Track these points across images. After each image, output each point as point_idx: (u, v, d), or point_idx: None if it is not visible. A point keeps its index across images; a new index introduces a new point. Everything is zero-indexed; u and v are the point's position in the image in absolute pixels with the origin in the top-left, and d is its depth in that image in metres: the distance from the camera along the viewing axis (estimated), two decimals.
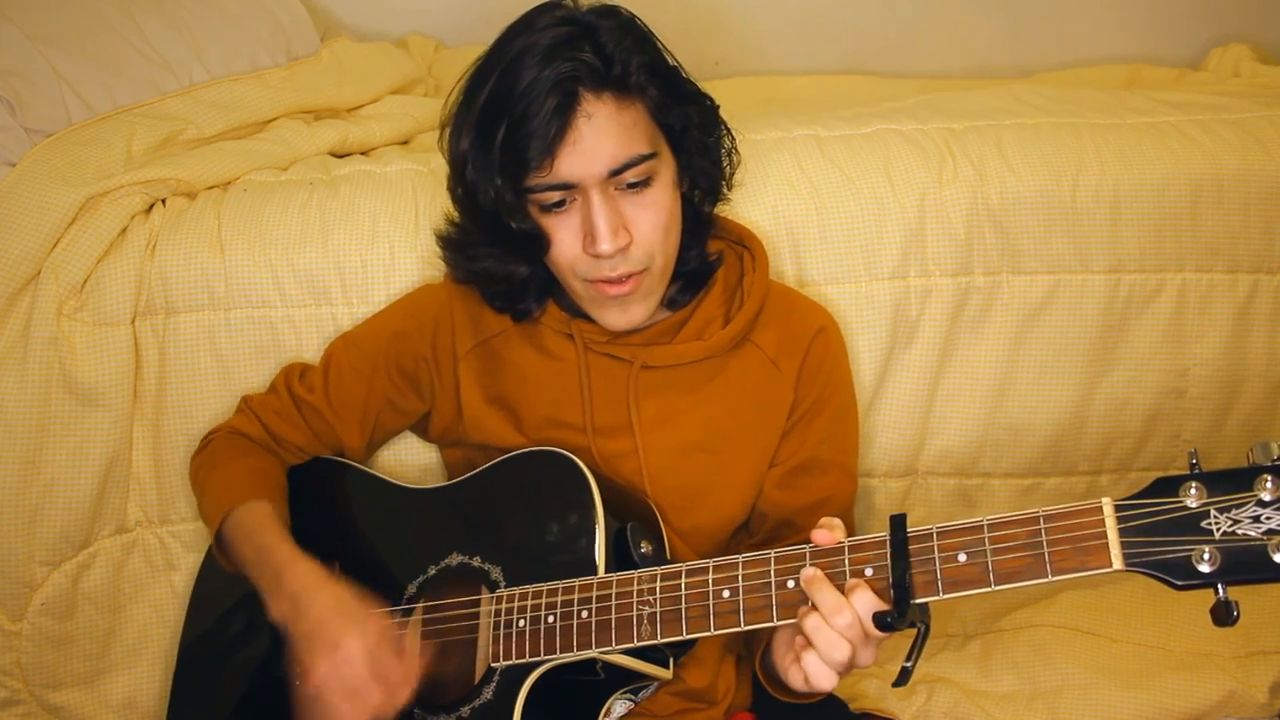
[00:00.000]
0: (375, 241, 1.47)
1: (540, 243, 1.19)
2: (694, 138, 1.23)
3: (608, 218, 1.15)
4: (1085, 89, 1.93)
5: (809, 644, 0.99)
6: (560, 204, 1.17)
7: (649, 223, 1.18)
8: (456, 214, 1.29)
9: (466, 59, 1.22)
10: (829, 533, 1.01)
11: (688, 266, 1.28)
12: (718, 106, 1.27)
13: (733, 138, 1.29)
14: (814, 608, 0.99)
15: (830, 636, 0.98)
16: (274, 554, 1.21)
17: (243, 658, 1.34)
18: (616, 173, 1.15)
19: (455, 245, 1.29)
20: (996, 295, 1.53)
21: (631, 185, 1.16)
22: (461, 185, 1.22)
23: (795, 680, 1.04)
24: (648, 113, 1.17)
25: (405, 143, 1.81)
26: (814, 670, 1.00)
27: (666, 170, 1.20)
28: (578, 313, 1.29)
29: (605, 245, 1.15)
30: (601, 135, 1.13)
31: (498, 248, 1.23)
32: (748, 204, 1.47)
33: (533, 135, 1.12)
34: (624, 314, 1.23)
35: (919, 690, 1.56)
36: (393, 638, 1.13)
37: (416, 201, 1.51)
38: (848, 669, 1.00)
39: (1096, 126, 1.59)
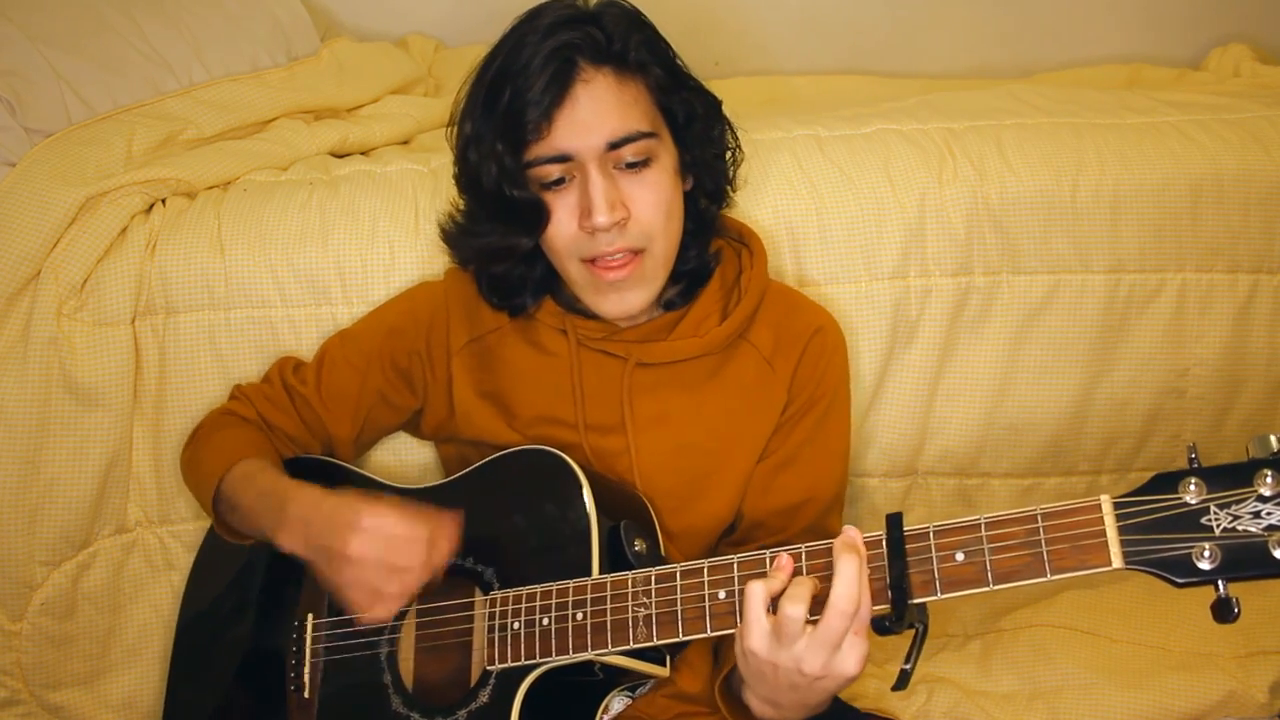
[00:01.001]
0: (375, 241, 1.47)
1: (541, 212, 1.19)
2: (697, 129, 1.23)
3: (604, 191, 1.15)
4: (1085, 89, 1.92)
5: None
6: (559, 181, 1.17)
7: (647, 201, 1.18)
8: (460, 202, 1.29)
9: (466, 59, 1.23)
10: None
11: (688, 266, 1.28)
12: (720, 102, 1.27)
13: (736, 136, 1.29)
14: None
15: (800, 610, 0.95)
16: (276, 489, 1.20)
17: (239, 635, 1.33)
18: (615, 146, 1.15)
19: (459, 229, 1.30)
20: (996, 295, 1.53)
21: (631, 165, 1.17)
22: (465, 169, 1.23)
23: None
24: (649, 93, 1.18)
25: (405, 143, 1.81)
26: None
27: (667, 155, 1.20)
28: (574, 309, 1.29)
29: (601, 217, 1.15)
30: (600, 105, 1.14)
31: (500, 223, 1.22)
32: (748, 203, 1.47)
33: (530, 102, 1.13)
34: (621, 300, 1.22)
35: (919, 690, 1.56)
36: (413, 505, 1.12)
37: (416, 201, 1.51)
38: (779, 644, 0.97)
39: (1096, 126, 1.59)
